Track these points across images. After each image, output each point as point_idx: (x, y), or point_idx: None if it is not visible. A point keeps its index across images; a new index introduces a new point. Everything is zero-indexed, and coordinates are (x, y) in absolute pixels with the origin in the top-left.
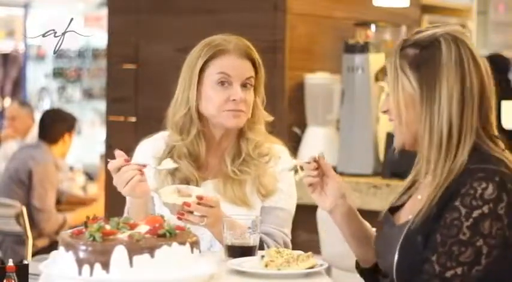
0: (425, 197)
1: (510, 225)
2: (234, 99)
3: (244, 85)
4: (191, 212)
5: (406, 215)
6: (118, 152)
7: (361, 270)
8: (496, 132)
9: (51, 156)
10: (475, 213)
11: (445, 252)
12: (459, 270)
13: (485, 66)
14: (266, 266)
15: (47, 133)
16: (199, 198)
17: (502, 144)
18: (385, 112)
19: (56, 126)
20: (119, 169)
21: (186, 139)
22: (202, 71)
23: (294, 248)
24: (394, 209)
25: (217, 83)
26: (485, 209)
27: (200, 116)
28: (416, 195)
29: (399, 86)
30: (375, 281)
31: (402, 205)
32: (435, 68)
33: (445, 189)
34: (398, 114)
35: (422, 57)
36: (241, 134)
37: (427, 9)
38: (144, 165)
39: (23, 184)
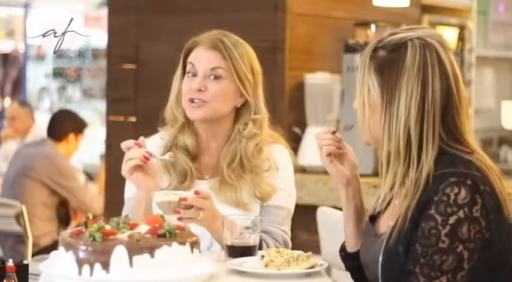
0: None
1: (488, 227)
2: (193, 88)
3: (209, 76)
4: (187, 208)
5: (387, 222)
6: (142, 138)
7: (346, 254)
8: (467, 135)
9: (57, 150)
10: (451, 220)
11: (427, 263)
12: (444, 279)
13: (454, 72)
14: (266, 266)
15: (52, 131)
16: (196, 193)
17: (473, 146)
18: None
19: (61, 124)
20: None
21: (174, 127)
22: (186, 67)
23: (294, 248)
24: (375, 216)
25: (187, 73)
26: (461, 214)
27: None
28: (394, 200)
29: (365, 88)
30: (357, 266)
31: (384, 210)
32: (397, 73)
33: (418, 198)
34: (362, 115)
35: (387, 61)
36: (237, 132)
37: (427, 9)
38: (151, 154)
39: (43, 184)
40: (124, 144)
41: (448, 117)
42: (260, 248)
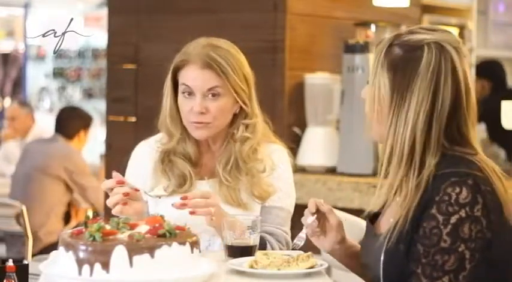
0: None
1: (489, 227)
2: (195, 111)
3: (207, 95)
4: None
5: (387, 221)
6: (115, 173)
7: None
8: (473, 142)
9: (71, 146)
10: (453, 219)
11: (428, 263)
12: (446, 279)
13: (466, 81)
14: (251, 266)
15: (63, 129)
16: (184, 198)
17: (476, 149)
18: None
19: (72, 122)
20: (112, 189)
21: (173, 141)
22: (176, 80)
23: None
24: (374, 216)
25: (182, 93)
26: (462, 213)
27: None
28: (395, 198)
29: (376, 82)
30: None
31: (383, 209)
32: (410, 76)
33: (419, 198)
34: (372, 110)
35: (401, 61)
36: (231, 136)
37: (427, 9)
38: (136, 189)
39: (60, 181)
40: (105, 186)
41: (452, 126)
42: (264, 248)
